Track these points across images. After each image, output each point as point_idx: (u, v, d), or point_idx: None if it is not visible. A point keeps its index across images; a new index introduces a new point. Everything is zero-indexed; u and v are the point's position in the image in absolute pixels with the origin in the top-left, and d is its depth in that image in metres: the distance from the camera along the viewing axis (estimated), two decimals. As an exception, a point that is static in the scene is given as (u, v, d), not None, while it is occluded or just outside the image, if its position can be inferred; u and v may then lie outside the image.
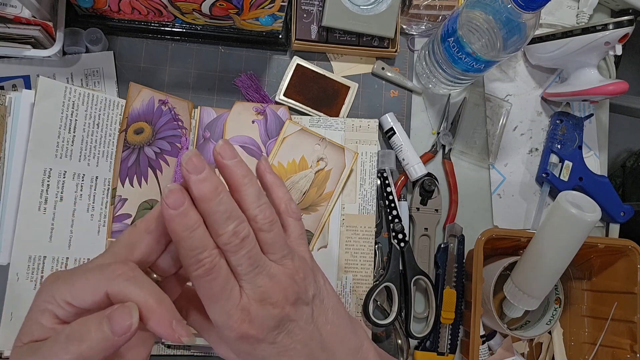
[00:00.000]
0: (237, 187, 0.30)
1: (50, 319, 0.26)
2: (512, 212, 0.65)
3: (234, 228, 0.28)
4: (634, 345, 0.55)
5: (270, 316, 0.30)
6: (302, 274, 0.32)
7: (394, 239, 0.59)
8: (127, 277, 0.26)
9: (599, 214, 0.48)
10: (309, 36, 0.60)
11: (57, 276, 0.27)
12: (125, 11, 0.55)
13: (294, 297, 0.31)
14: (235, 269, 0.29)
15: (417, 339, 0.59)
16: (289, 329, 0.31)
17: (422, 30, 0.64)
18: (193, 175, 0.27)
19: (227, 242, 0.28)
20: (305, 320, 0.32)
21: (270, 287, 0.30)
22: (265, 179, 0.35)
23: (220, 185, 0.28)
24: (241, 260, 0.29)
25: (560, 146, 0.65)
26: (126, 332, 0.25)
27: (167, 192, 0.27)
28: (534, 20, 0.49)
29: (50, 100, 0.51)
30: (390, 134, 0.61)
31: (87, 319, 0.25)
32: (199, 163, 0.28)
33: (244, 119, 0.58)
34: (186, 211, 0.27)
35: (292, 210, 0.35)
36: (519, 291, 0.55)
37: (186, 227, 0.27)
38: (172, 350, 0.54)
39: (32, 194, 0.49)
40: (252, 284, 0.29)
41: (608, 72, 0.69)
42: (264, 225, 0.30)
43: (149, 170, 0.54)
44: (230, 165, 0.30)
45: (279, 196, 0.35)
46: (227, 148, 0.30)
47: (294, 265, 0.31)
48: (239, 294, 0.29)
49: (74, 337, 0.25)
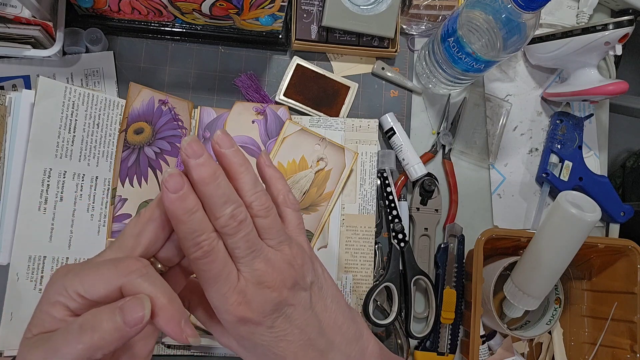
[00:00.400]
0: (234, 174, 0.30)
1: (61, 310, 0.26)
2: (512, 212, 0.65)
3: (232, 211, 0.29)
4: (634, 345, 0.55)
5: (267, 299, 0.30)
6: (299, 261, 0.32)
7: (394, 239, 0.59)
8: (141, 274, 0.27)
9: (599, 214, 0.48)
10: (309, 36, 0.60)
11: (67, 269, 0.27)
12: (125, 11, 0.55)
13: (292, 281, 0.31)
14: (233, 252, 0.30)
15: (417, 339, 0.59)
16: (287, 314, 0.31)
17: (422, 30, 0.64)
18: (192, 159, 0.28)
19: (225, 225, 0.29)
20: (304, 306, 0.32)
21: (267, 271, 0.30)
22: (264, 172, 0.35)
23: (218, 169, 0.29)
24: (239, 243, 0.29)
25: (560, 146, 0.65)
26: (138, 323, 0.25)
27: (167, 177, 0.28)
28: (534, 20, 0.49)
29: (50, 100, 0.51)
30: (390, 134, 0.61)
31: (99, 310, 0.26)
32: (198, 148, 0.28)
33: (244, 119, 0.58)
34: (185, 195, 0.28)
35: (290, 201, 0.35)
36: (519, 291, 0.55)
37: (185, 210, 0.28)
38: (172, 350, 0.54)
39: (32, 193, 0.49)
40: (249, 267, 0.30)
41: (608, 72, 0.69)
42: (260, 212, 0.31)
43: (149, 170, 0.54)
44: (228, 154, 0.30)
45: (278, 188, 0.35)
46: (225, 137, 0.30)
47: (291, 252, 0.32)
48: (237, 277, 0.30)
49: (86, 327, 0.25)
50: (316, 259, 0.36)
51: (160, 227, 0.30)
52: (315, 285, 0.34)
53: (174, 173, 0.28)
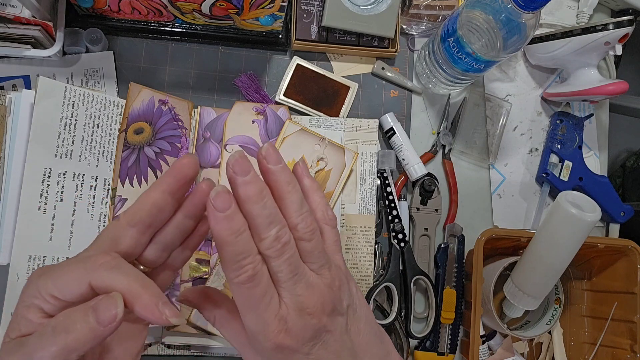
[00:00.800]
0: (280, 193, 0.29)
1: (36, 313, 0.26)
2: (512, 212, 0.65)
3: (277, 232, 0.28)
4: (634, 345, 0.55)
5: (307, 327, 0.29)
6: (337, 283, 0.31)
7: (394, 239, 0.59)
8: (110, 266, 0.26)
9: (599, 214, 0.48)
10: (309, 36, 0.60)
11: (42, 271, 0.27)
12: (125, 11, 0.55)
13: (331, 307, 0.30)
14: (276, 275, 0.29)
15: (417, 339, 0.59)
16: (325, 340, 0.31)
17: (422, 30, 0.64)
18: (240, 177, 0.27)
19: (270, 247, 0.28)
20: (340, 331, 0.31)
21: (309, 296, 0.29)
22: (302, 183, 0.34)
23: (265, 188, 0.28)
24: (282, 267, 0.28)
25: (560, 146, 0.65)
26: (112, 321, 0.25)
27: (215, 195, 0.26)
28: (534, 20, 0.49)
29: (50, 100, 0.51)
30: (390, 134, 0.61)
31: (72, 311, 0.25)
32: (246, 165, 0.27)
33: (244, 119, 0.58)
34: (233, 214, 0.27)
35: (329, 217, 0.34)
36: (519, 291, 0.55)
37: (233, 231, 0.27)
38: (172, 351, 0.54)
39: (32, 193, 0.49)
40: (291, 292, 0.29)
41: (608, 72, 0.69)
42: (305, 234, 0.30)
43: (149, 170, 0.54)
44: (275, 171, 0.29)
45: (316, 201, 0.34)
46: (273, 152, 0.29)
47: (331, 275, 0.31)
48: (278, 303, 0.29)
49: (59, 329, 0.25)
50: (351, 279, 0.35)
51: (140, 232, 0.29)
52: (350, 308, 0.33)
53: (222, 191, 0.27)
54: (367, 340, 0.34)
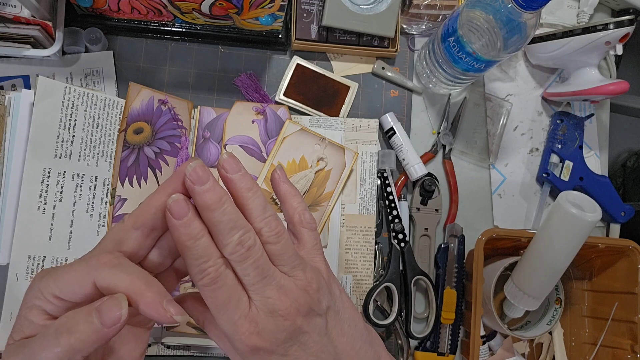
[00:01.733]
0: (242, 200, 0.30)
1: (39, 314, 0.26)
2: (512, 212, 0.65)
3: (239, 237, 0.28)
4: (635, 345, 0.55)
5: (280, 328, 0.29)
6: (315, 285, 0.31)
7: (394, 239, 0.59)
8: (113, 265, 0.26)
9: (600, 214, 0.47)
10: (309, 36, 0.60)
11: (45, 272, 0.27)
12: (125, 11, 0.55)
13: (306, 308, 0.30)
14: (243, 279, 0.29)
15: (417, 339, 0.59)
16: (302, 341, 0.30)
17: (422, 30, 0.64)
18: (197, 186, 0.27)
19: (233, 252, 0.28)
20: (319, 333, 0.31)
21: (280, 299, 0.29)
22: (279, 189, 0.35)
23: (224, 195, 0.28)
24: (248, 270, 0.28)
25: (560, 146, 0.64)
26: (116, 322, 0.25)
27: (171, 202, 0.27)
28: (535, 20, 0.49)
29: (49, 100, 0.51)
30: (391, 134, 0.61)
31: (75, 312, 0.25)
32: (203, 173, 0.28)
33: (244, 118, 0.58)
34: (189, 221, 0.27)
35: (306, 221, 0.34)
36: (519, 291, 0.55)
37: (190, 237, 0.27)
38: (172, 351, 0.54)
39: (32, 193, 0.49)
40: (260, 295, 0.29)
41: (609, 72, 0.69)
42: (270, 238, 0.30)
43: (149, 170, 0.54)
44: (234, 179, 0.30)
45: (293, 206, 0.34)
46: (231, 161, 0.30)
47: (305, 277, 0.31)
48: (247, 304, 0.29)
49: (63, 330, 0.25)
50: (334, 281, 0.35)
51: (144, 235, 0.29)
52: (331, 310, 0.33)
53: (178, 199, 0.27)
54: (353, 343, 0.33)
